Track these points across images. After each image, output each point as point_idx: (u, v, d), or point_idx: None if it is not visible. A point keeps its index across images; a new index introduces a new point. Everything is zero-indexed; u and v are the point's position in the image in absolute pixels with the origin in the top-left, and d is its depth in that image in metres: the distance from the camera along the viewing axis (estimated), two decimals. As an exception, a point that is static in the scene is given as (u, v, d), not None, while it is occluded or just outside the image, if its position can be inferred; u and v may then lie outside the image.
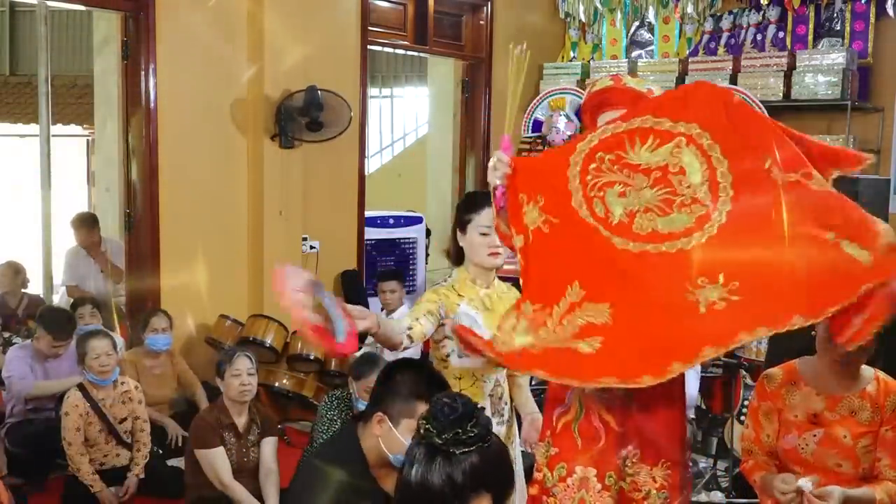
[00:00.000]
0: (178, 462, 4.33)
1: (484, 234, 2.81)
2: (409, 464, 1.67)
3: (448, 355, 2.86)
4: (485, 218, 2.75)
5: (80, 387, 4.07)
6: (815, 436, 2.59)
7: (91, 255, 5.86)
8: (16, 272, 5.90)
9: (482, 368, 2.84)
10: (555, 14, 7.21)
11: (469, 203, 2.90)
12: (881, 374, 2.65)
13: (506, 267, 2.94)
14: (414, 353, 4.93)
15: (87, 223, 5.88)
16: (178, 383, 4.84)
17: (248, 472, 3.82)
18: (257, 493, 3.77)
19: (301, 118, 5.23)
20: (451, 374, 2.82)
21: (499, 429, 2.88)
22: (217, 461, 3.73)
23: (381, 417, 2.41)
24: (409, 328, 2.65)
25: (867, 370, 2.64)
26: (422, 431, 1.67)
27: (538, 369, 2.26)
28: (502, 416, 2.92)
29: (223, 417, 3.80)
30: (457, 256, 2.96)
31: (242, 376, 3.79)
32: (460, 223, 2.89)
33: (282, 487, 3.79)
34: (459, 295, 2.84)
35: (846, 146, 5.68)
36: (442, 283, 2.92)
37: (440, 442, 1.62)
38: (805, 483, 2.42)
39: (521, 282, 2.39)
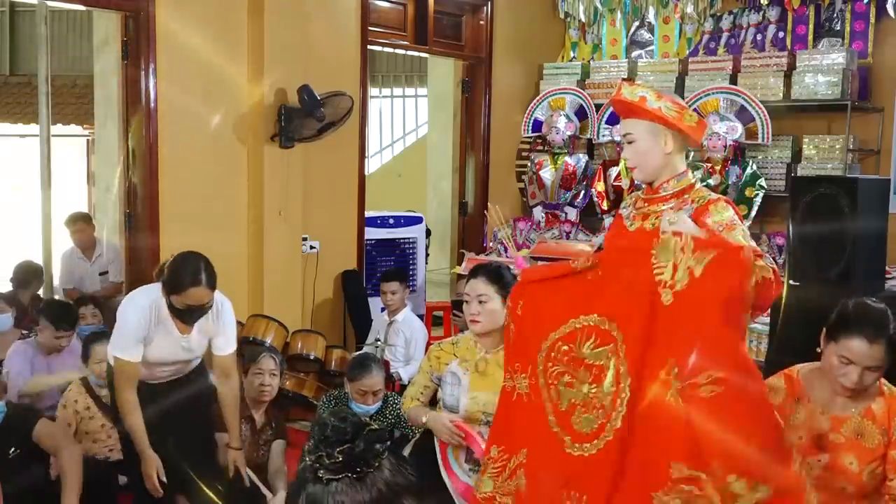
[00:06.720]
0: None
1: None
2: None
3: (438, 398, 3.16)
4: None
5: (84, 380, 4.08)
6: (820, 461, 2.50)
7: (86, 256, 5.86)
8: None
9: (463, 419, 3.05)
10: (555, 14, 7.21)
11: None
12: (886, 387, 2.52)
13: None
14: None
15: (80, 222, 5.87)
16: None
17: (256, 468, 3.80)
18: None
19: (302, 119, 5.23)
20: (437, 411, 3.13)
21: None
22: None
23: None
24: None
25: None
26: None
27: None
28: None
29: (243, 408, 3.81)
30: None
31: (264, 376, 3.82)
32: None
33: None
34: (455, 355, 3.05)
35: (846, 146, 5.68)
36: (451, 338, 3.19)
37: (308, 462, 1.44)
38: None
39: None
